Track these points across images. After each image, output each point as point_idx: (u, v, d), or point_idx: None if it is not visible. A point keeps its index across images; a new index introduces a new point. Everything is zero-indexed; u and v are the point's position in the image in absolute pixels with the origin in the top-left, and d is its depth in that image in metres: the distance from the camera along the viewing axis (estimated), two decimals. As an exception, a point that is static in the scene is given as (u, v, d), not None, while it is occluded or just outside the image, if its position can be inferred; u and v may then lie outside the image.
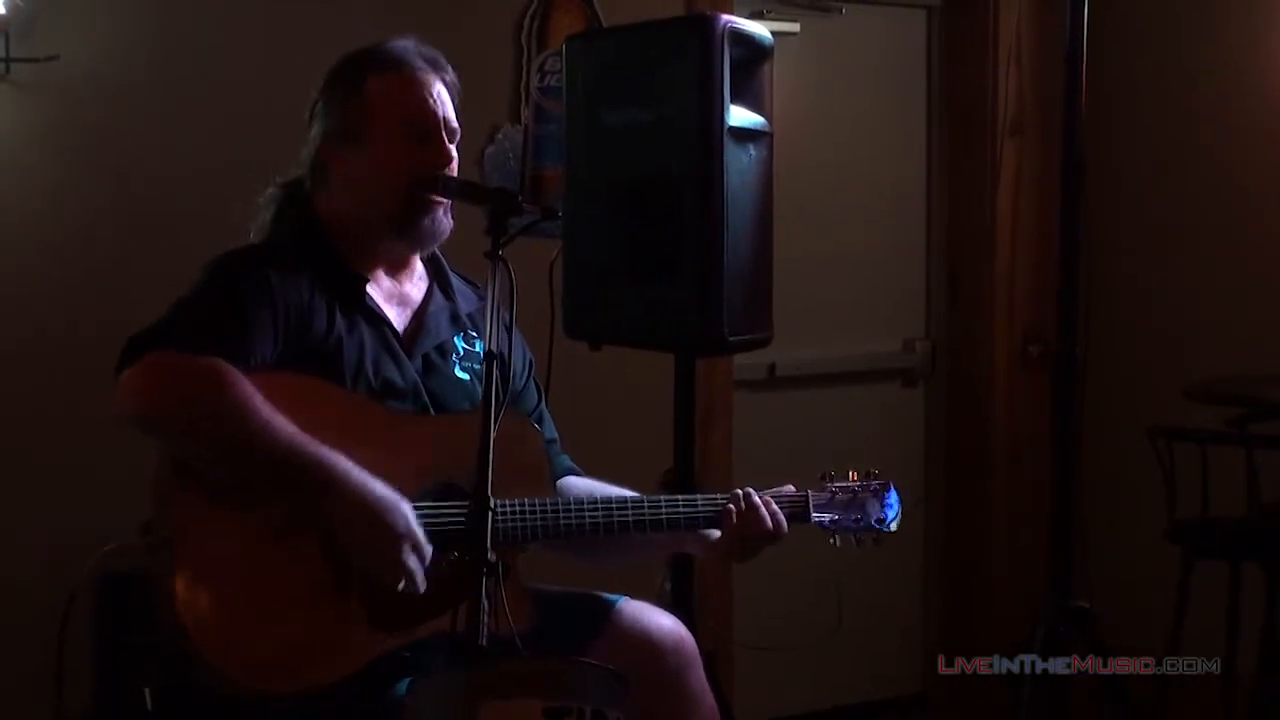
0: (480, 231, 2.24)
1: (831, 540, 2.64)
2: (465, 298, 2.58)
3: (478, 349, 2.52)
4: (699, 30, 2.73)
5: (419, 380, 2.42)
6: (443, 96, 2.47)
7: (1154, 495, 4.02)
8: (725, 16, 2.76)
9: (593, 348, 3.00)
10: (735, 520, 2.48)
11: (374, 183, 2.43)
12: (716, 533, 2.51)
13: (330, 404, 2.29)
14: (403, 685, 2.24)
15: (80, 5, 3.38)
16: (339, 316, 2.35)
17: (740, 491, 2.51)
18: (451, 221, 2.48)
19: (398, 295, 2.48)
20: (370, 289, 2.43)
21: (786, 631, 4.44)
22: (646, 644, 2.45)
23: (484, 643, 1.87)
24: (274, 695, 2.16)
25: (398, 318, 2.46)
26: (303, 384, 2.28)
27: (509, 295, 2.13)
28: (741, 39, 2.76)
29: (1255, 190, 4.37)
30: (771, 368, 4.50)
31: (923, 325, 4.89)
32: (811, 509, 2.59)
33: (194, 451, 2.20)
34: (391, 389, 2.37)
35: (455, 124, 2.48)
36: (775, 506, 2.51)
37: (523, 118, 3.88)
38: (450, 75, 2.51)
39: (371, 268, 2.45)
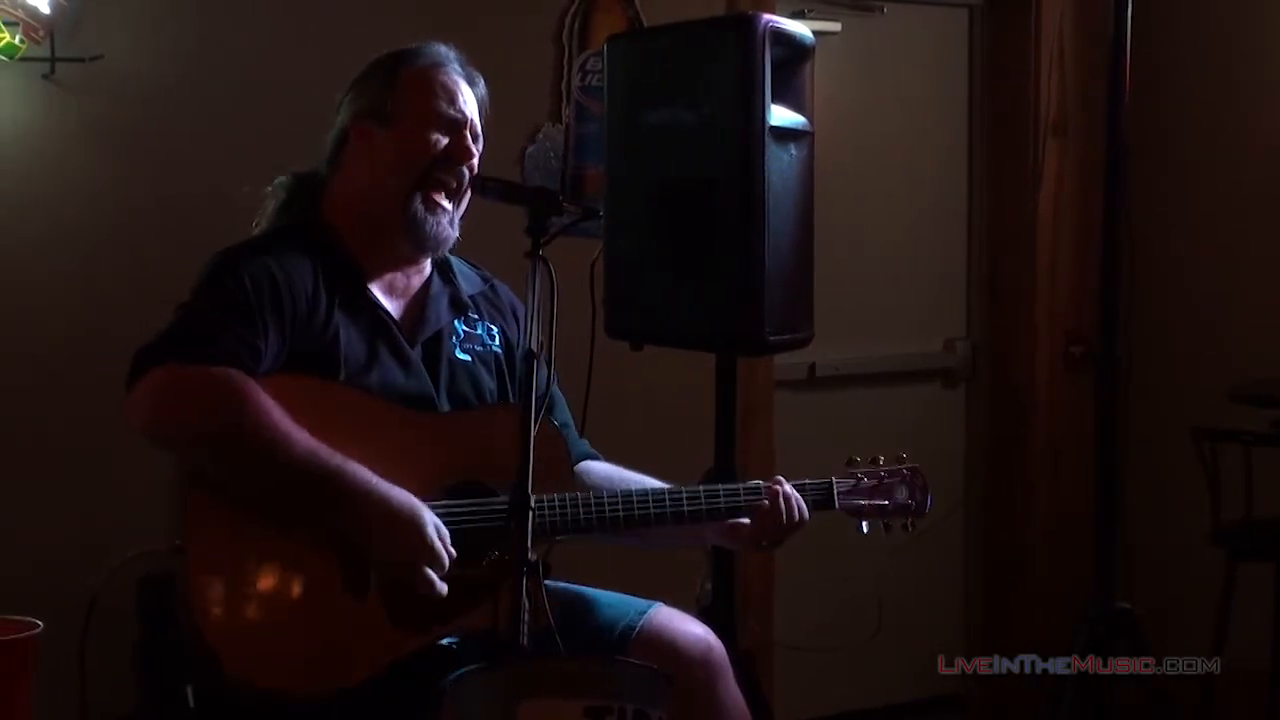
0: (521, 231, 2.24)
1: (860, 526, 2.69)
2: (468, 280, 2.59)
3: (479, 331, 2.54)
4: (740, 30, 2.72)
5: (422, 367, 2.42)
6: (471, 102, 2.50)
7: (1197, 497, 3.99)
8: (766, 16, 2.75)
9: (634, 348, 2.99)
10: (767, 512, 2.51)
11: (394, 159, 2.43)
12: (742, 521, 2.54)
13: (343, 406, 2.29)
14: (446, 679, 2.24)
15: (125, 5, 3.40)
16: (338, 309, 2.36)
17: (769, 485, 2.54)
18: (455, 231, 2.48)
19: (398, 286, 2.49)
20: (371, 282, 2.43)
21: (826, 632, 4.44)
22: (675, 653, 2.41)
23: (524, 641, 1.88)
24: (298, 698, 2.17)
25: (397, 308, 2.46)
26: (315, 386, 2.28)
27: (549, 295, 2.13)
28: (783, 38, 2.75)
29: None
30: (812, 368, 4.49)
31: (964, 325, 4.87)
32: (836, 495, 2.64)
33: (209, 464, 2.20)
34: (394, 380, 2.37)
35: (480, 130, 2.50)
36: (799, 498, 2.55)
37: (564, 117, 3.88)
38: (482, 90, 2.53)
39: (374, 260, 2.45)
